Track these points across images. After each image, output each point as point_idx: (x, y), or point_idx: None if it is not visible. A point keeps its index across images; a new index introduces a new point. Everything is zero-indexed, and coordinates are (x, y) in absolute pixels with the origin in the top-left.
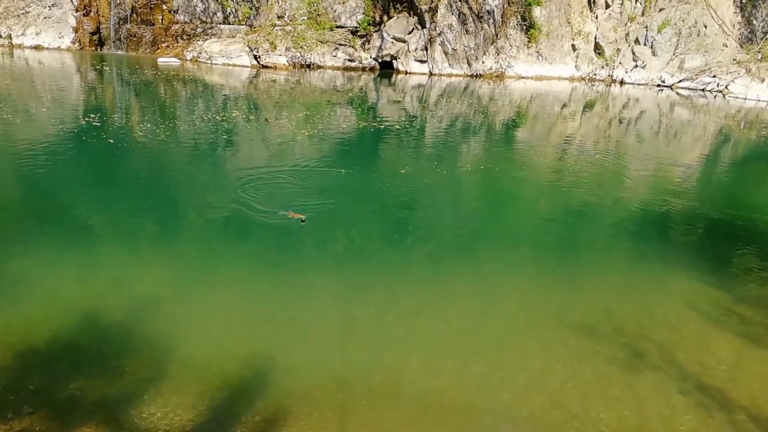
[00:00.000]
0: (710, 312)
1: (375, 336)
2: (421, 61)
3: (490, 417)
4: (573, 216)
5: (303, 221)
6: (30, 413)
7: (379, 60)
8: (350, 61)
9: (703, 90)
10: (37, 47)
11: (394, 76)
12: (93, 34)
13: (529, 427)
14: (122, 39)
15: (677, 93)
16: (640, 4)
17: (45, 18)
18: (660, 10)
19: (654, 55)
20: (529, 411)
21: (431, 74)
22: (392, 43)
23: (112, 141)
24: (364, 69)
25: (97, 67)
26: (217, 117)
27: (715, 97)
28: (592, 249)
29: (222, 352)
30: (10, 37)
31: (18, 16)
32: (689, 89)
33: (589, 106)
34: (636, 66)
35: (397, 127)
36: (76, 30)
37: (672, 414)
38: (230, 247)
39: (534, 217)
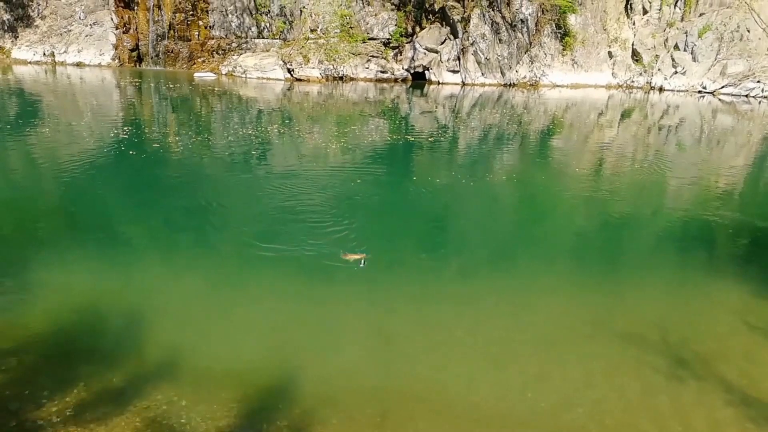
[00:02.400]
0: (757, 323)
1: (411, 346)
2: (454, 71)
3: (529, 429)
4: (612, 226)
5: (362, 264)
6: (67, 415)
7: (412, 71)
8: (382, 72)
9: (746, 96)
10: (78, 64)
11: (426, 86)
12: (132, 50)
13: None
14: (160, 55)
15: (719, 99)
16: (680, 9)
17: (86, 36)
18: (700, 14)
19: (694, 60)
20: (569, 423)
21: (464, 84)
22: (424, 53)
23: (148, 154)
24: (396, 80)
25: (136, 83)
26: (252, 131)
27: (759, 102)
28: (633, 259)
29: (256, 361)
30: (53, 54)
31: (60, 34)
32: (732, 95)
33: (626, 114)
34: (676, 72)
35: (430, 138)
36: (116, 47)
37: (717, 427)
38: (264, 260)
39: (572, 228)
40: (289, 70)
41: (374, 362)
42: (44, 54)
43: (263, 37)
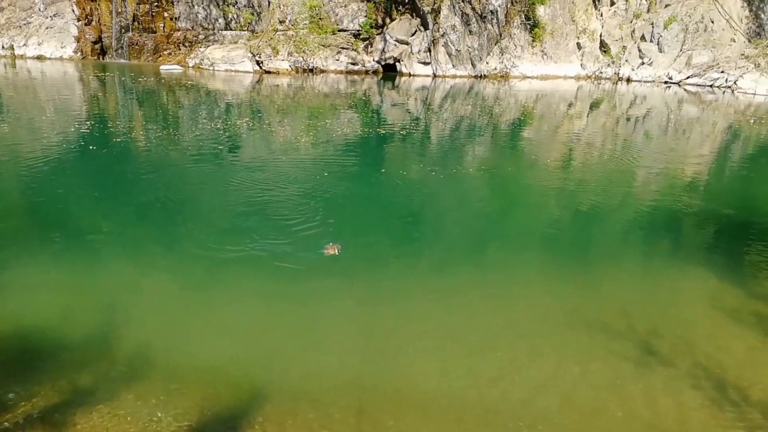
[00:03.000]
0: (724, 309)
1: (386, 339)
2: (425, 63)
3: (503, 417)
4: (582, 216)
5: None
6: (34, 417)
7: (382, 63)
8: (353, 64)
9: (711, 86)
10: (39, 57)
11: (397, 78)
12: (95, 43)
13: (541, 426)
14: (124, 47)
15: (685, 90)
16: (646, 0)
17: (47, 28)
18: (666, 6)
19: (661, 51)
20: (541, 410)
21: (435, 76)
22: (395, 45)
23: (112, 149)
24: (367, 72)
25: (100, 76)
26: (220, 124)
27: (723, 93)
28: (603, 249)
29: (228, 358)
30: (12, 47)
31: (20, 26)
32: (697, 85)
33: (595, 104)
34: (643, 63)
35: (402, 130)
36: (78, 39)
37: (685, 410)
38: (237, 256)
39: (543, 218)
40: (258, 63)
41: (350, 356)
42: (3, 47)
43: (231, 29)
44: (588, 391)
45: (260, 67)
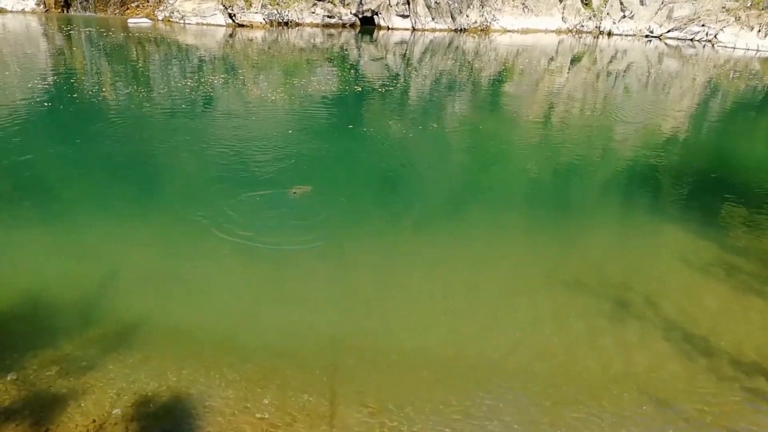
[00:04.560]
0: (697, 263)
1: (366, 299)
2: (403, 16)
3: (482, 372)
4: (561, 173)
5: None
6: (10, 381)
7: (360, 16)
8: (330, 17)
9: (691, 40)
10: (0, 11)
11: (375, 32)
12: None
13: (517, 379)
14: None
15: (666, 44)
16: None
17: None
18: None
19: (642, 4)
20: (517, 364)
21: (414, 29)
22: None
23: (82, 108)
24: (344, 26)
25: (65, 30)
26: (192, 81)
27: (704, 47)
28: (582, 205)
29: (212, 319)
30: None
31: None
32: (678, 39)
33: (576, 59)
34: (624, 16)
35: (381, 86)
36: None
37: (657, 361)
38: (214, 216)
39: (523, 175)
40: (230, 15)
41: (329, 315)
42: None
43: None
44: (564, 345)
45: (233, 21)
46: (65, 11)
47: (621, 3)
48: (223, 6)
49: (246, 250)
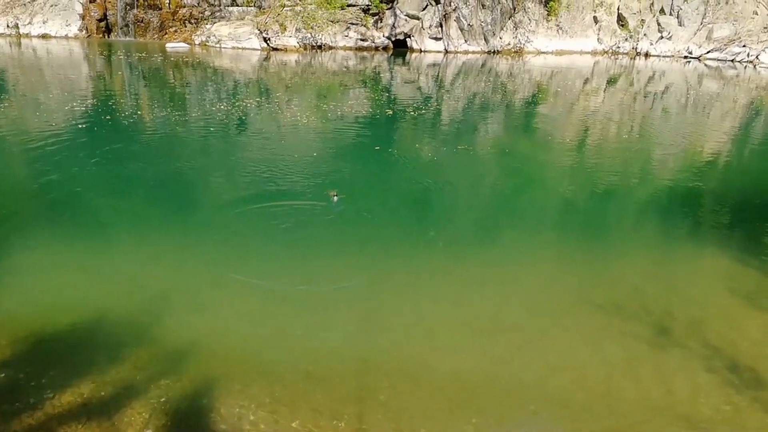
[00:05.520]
0: (739, 290)
1: (394, 320)
2: (436, 39)
3: (513, 398)
4: (598, 196)
5: (335, 198)
6: (33, 405)
7: (393, 39)
8: (362, 40)
9: (732, 61)
10: (44, 36)
11: (408, 54)
12: (100, 20)
13: (552, 407)
14: (129, 25)
15: (705, 64)
16: None
17: (51, 6)
18: None
19: (680, 25)
20: (551, 392)
21: (447, 52)
22: (405, 20)
23: (120, 129)
24: (377, 48)
25: (105, 55)
26: (228, 104)
27: (745, 67)
28: (618, 229)
29: (242, 337)
30: (17, 26)
31: (24, 5)
32: (718, 60)
33: (612, 80)
34: (661, 37)
35: (413, 108)
36: (83, 17)
37: (698, 392)
38: (244, 237)
39: (557, 198)
40: (265, 39)
41: (358, 337)
42: (8, 26)
43: (237, 5)
44: (600, 372)
45: (267, 44)
46: (106, 36)
47: (659, 23)
48: (258, 30)
49: (276, 270)
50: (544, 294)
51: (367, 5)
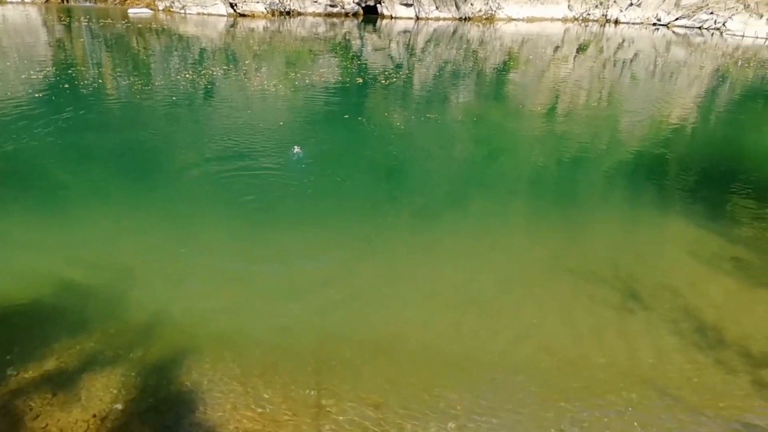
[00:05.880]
0: (704, 255)
1: (367, 292)
2: (407, 5)
3: (485, 367)
4: (566, 164)
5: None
6: (9, 376)
7: (363, 5)
8: (332, 6)
9: (699, 28)
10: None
11: (378, 21)
12: None
13: (522, 373)
14: None
15: (673, 32)
16: None
17: None
18: None
19: None
20: (522, 359)
21: (418, 18)
22: None
23: (82, 97)
24: (347, 15)
25: (65, 21)
26: (194, 72)
27: (712, 35)
28: (587, 197)
29: (214, 309)
30: None
31: None
32: (686, 27)
33: (582, 48)
34: (631, 4)
35: (384, 76)
36: None
37: (663, 355)
38: (208, 209)
39: (527, 166)
40: (231, 5)
41: (329, 310)
42: None
43: None
44: (569, 339)
45: (234, 10)
46: (65, 2)
47: None
48: None
49: (244, 237)
50: (514, 263)
51: None
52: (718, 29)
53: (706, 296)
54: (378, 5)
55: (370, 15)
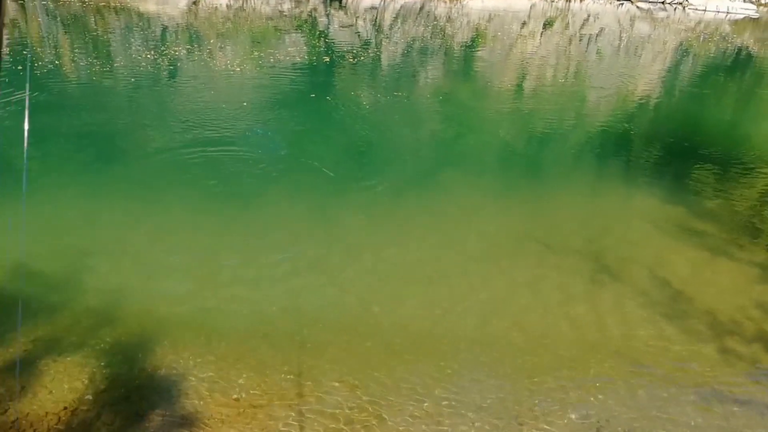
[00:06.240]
0: (669, 228)
1: (336, 271)
2: None
3: (456, 343)
4: (534, 140)
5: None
6: None
7: None
8: None
9: (663, 3)
10: None
11: None
12: None
13: (493, 350)
14: None
15: (637, 7)
16: None
17: None
18: None
19: None
20: (492, 334)
21: None
22: None
23: (37, 80)
24: None
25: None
26: (155, 52)
27: (675, 9)
28: (554, 172)
29: (182, 297)
30: None
31: None
32: (649, 2)
33: (548, 23)
34: None
35: (351, 55)
36: None
37: (632, 326)
38: (174, 186)
39: (496, 144)
40: None
41: (300, 292)
42: None
43: None
44: (539, 314)
45: None
46: None
47: None
48: None
49: (213, 220)
50: (482, 239)
51: None
52: (680, 4)
53: (672, 268)
54: None
55: None
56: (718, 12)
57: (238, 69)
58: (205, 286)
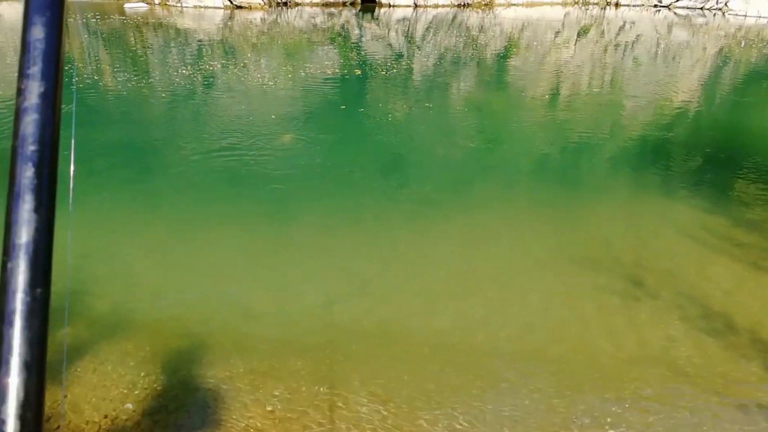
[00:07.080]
0: (709, 239)
1: (369, 283)
2: None
3: (490, 358)
4: (569, 150)
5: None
6: None
7: None
8: None
9: (701, 8)
10: None
11: (376, 10)
12: None
13: (530, 364)
14: None
15: (675, 13)
16: None
17: None
18: None
19: None
20: (528, 348)
21: (416, 6)
22: None
23: (81, 94)
24: (344, 4)
25: None
26: (192, 67)
27: (714, 15)
28: (590, 183)
29: (217, 308)
30: None
31: None
32: (687, 8)
33: (583, 32)
34: None
35: (383, 67)
36: None
37: (671, 342)
38: (213, 200)
39: (529, 154)
40: None
41: (332, 301)
42: None
43: None
44: (574, 327)
45: (231, 2)
46: None
47: None
48: None
49: (243, 232)
50: (517, 252)
51: None
52: (720, 9)
53: (713, 281)
54: None
55: (368, 4)
56: (760, 17)
57: (272, 82)
58: (236, 297)
